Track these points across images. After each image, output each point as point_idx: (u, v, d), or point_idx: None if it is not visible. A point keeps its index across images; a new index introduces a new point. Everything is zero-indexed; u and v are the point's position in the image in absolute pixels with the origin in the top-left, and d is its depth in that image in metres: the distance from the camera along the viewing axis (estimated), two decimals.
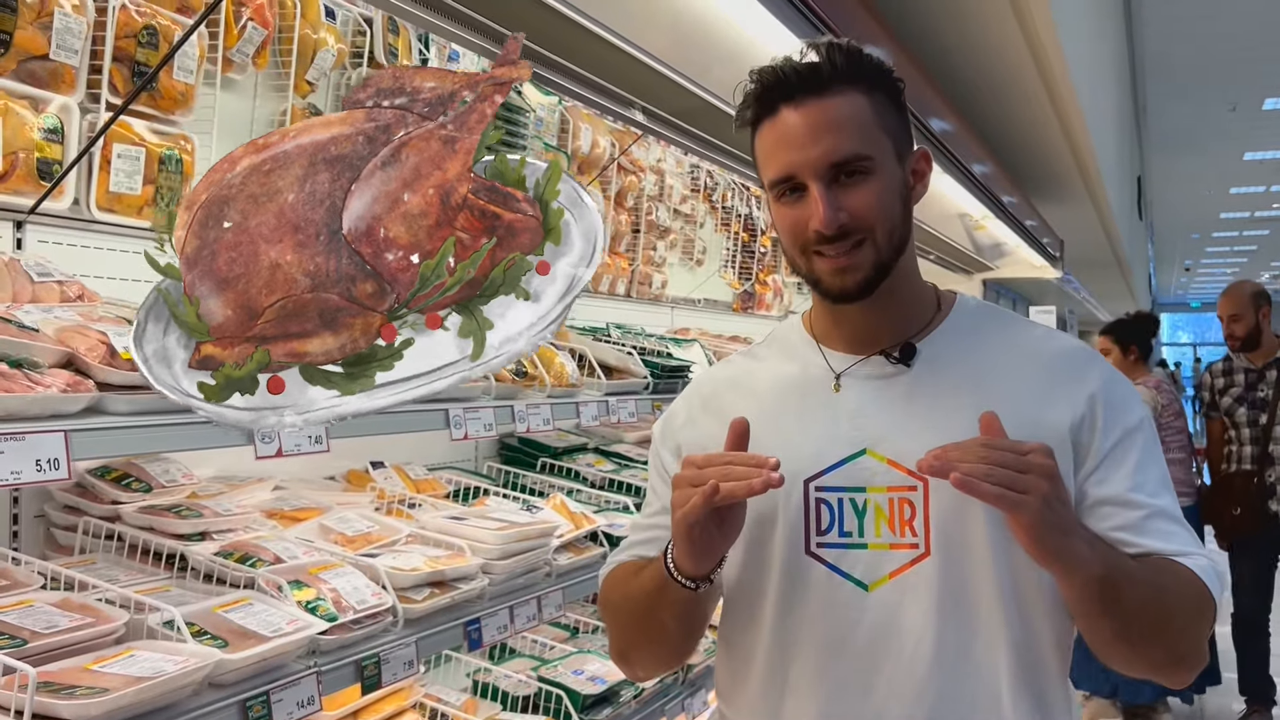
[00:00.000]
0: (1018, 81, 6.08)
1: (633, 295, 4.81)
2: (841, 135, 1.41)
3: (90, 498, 2.16)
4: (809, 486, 1.49)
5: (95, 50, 2.29)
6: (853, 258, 1.44)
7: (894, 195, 1.46)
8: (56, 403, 1.52)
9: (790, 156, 1.43)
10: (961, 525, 1.43)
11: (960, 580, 1.44)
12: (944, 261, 8.09)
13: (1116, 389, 1.52)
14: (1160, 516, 1.45)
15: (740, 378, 1.65)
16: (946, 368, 1.51)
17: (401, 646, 2.12)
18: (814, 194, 1.42)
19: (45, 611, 1.70)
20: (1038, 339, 1.57)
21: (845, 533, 1.47)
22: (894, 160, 1.46)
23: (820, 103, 1.42)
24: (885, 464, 1.47)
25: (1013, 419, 1.42)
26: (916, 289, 1.57)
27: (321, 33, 2.87)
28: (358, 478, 2.94)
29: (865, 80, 1.45)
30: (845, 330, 1.55)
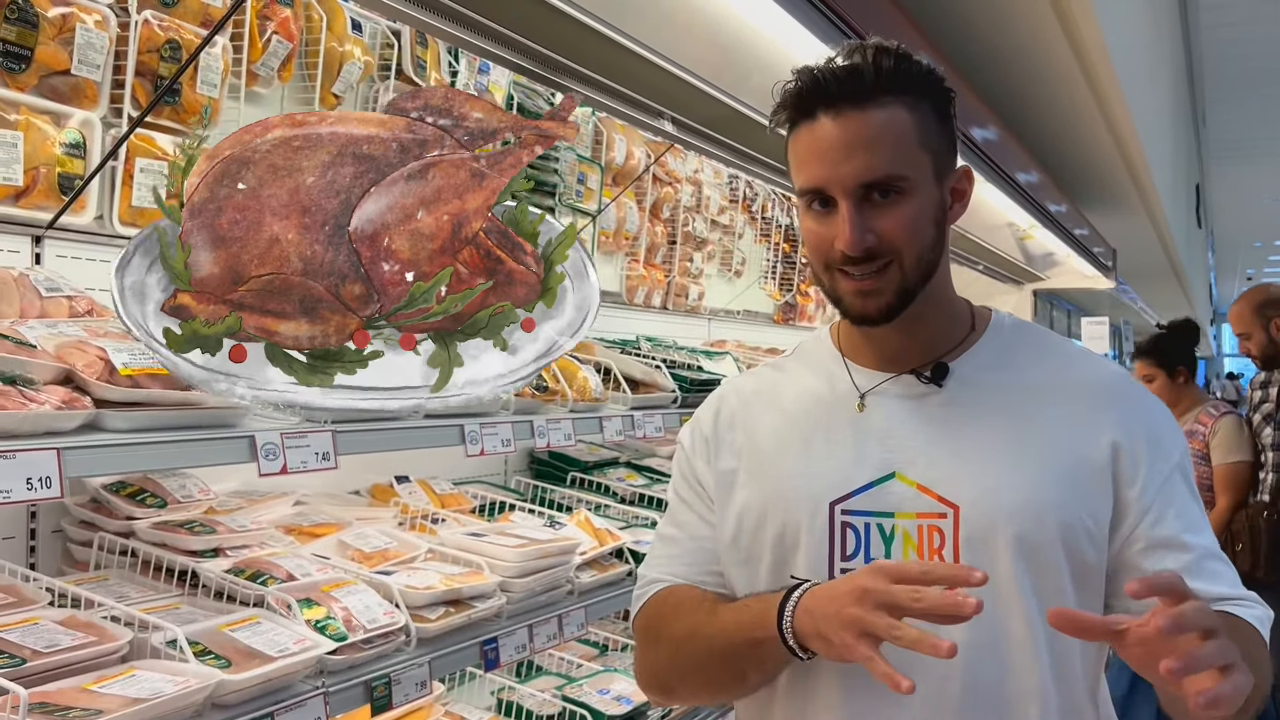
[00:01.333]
0: (1064, 89, 5.96)
1: (669, 307, 4.76)
2: (877, 153, 1.35)
3: (105, 513, 2.15)
4: (835, 509, 1.44)
5: (118, 65, 2.30)
6: (877, 281, 1.38)
7: (927, 218, 1.39)
8: (50, 420, 1.51)
9: (822, 169, 1.37)
10: (990, 556, 1.38)
11: (989, 614, 1.35)
12: (992, 272, 7.94)
13: (1158, 419, 1.47)
14: (1209, 557, 1.41)
15: (766, 390, 1.60)
16: (981, 389, 1.46)
17: (414, 666, 2.08)
18: (842, 212, 1.36)
19: (48, 630, 1.69)
20: (1074, 363, 1.51)
21: (871, 559, 1.42)
22: (932, 180, 1.40)
23: (860, 115, 1.35)
24: (915, 489, 1.41)
25: (1051, 448, 1.40)
26: (949, 306, 1.52)
27: (348, 45, 2.86)
28: (382, 492, 2.92)
29: (910, 91, 1.38)
30: (874, 348, 1.50)
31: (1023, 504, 1.38)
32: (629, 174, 4.31)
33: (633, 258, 4.50)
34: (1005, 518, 1.37)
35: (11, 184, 2.10)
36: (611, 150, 4.17)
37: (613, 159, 4.18)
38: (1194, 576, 1.34)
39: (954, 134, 1.46)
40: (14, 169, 2.10)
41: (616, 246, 4.36)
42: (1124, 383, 1.50)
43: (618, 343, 3.88)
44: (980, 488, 1.39)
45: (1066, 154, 7.46)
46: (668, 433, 3.16)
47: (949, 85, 1.44)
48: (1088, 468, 1.40)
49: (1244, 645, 1.28)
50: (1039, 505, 1.38)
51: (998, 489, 1.38)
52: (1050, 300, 11.25)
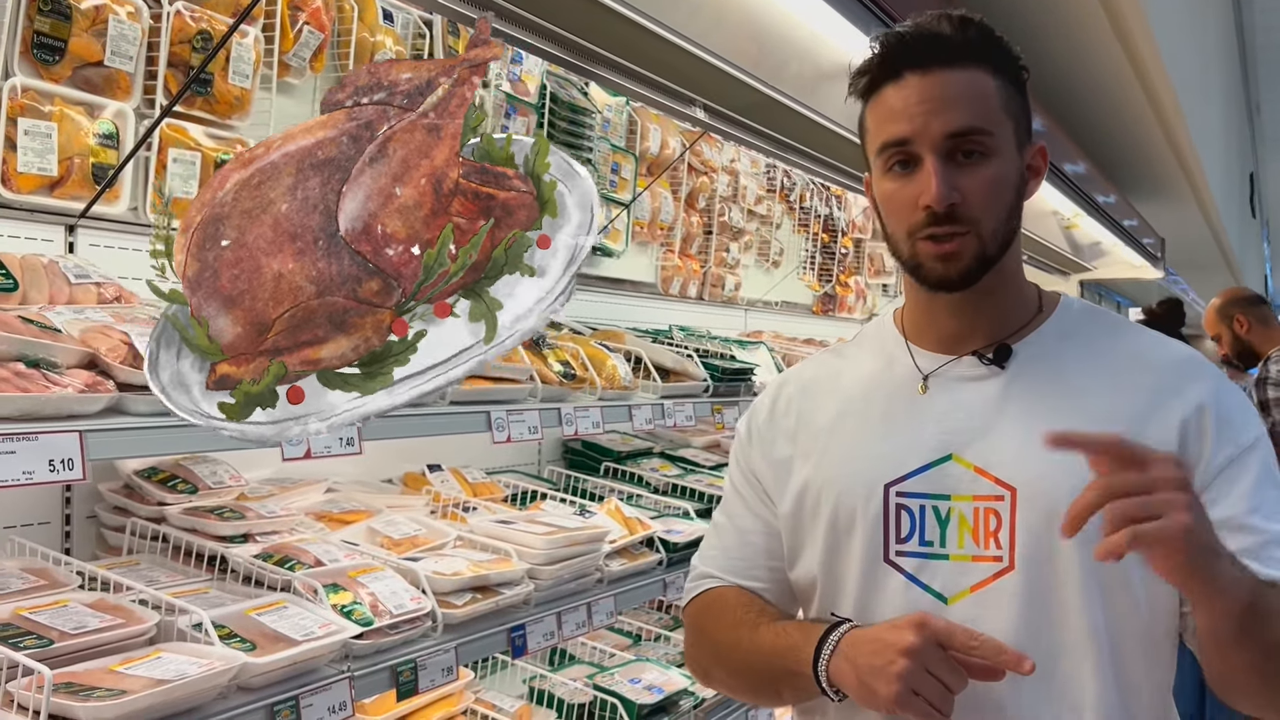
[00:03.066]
0: (1112, 80, 5.86)
1: (704, 298, 4.75)
2: (965, 107, 1.35)
3: (137, 499, 2.18)
4: (889, 491, 1.42)
5: (150, 56, 2.32)
6: (958, 244, 1.36)
7: (1009, 183, 1.38)
8: (72, 403, 1.53)
9: (909, 124, 1.36)
10: (1050, 540, 1.35)
11: (1045, 598, 1.36)
12: (1037, 261, 7.83)
13: (1229, 401, 1.41)
14: (1276, 544, 1.33)
15: (824, 377, 1.59)
16: (1043, 372, 1.43)
17: (440, 652, 2.09)
18: (928, 167, 1.35)
19: (77, 612, 1.71)
20: (1144, 346, 1.47)
21: (926, 542, 1.41)
22: (1013, 146, 1.39)
23: (947, 74, 1.36)
24: (972, 471, 1.39)
25: (1114, 429, 1.33)
26: (1018, 288, 1.49)
27: (379, 35, 2.88)
28: (414, 480, 2.94)
29: (994, 60, 1.39)
30: (938, 328, 1.48)
31: (1083, 487, 1.32)
32: (664, 163, 4.30)
33: (668, 248, 4.49)
34: (1065, 501, 1.30)
35: (46, 174, 2.13)
36: (646, 140, 4.15)
37: (647, 148, 4.17)
38: (1259, 561, 1.31)
39: (1030, 111, 1.45)
40: (49, 159, 2.13)
41: (651, 237, 4.35)
42: (1195, 364, 1.45)
43: (650, 332, 3.87)
44: (1039, 470, 1.36)
45: (1115, 144, 7.34)
46: (699, 422, 3.15)
47: (1025, 65, 1.44)
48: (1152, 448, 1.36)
49: None
50: None
51: (1057, 471, 1.33)
52: (1098, 291, 11.09)
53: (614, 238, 4.00)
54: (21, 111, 2.08)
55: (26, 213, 2.14)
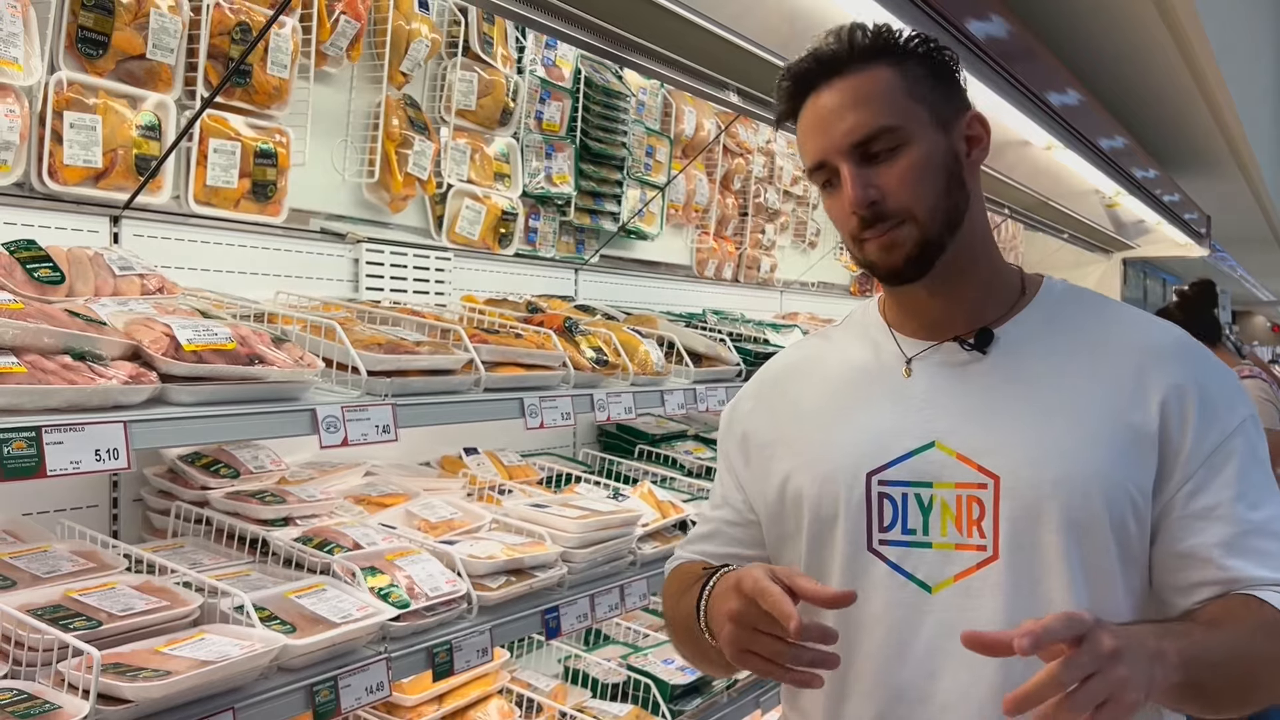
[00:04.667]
0: (1153, 52, 5.75)
1: (740, 280, 4.75)
2: (864, 109, 1.36)
3: (182, 484, 2.24)
4: (872, 480, 1.42)
5: (191, 49, 2.37)
6: (895, 234, 1.37)
7: (935, 166, 1.38)
8: (117, 394, 1.58)
9: (818, 141, 1.39)
10: (1034, 529, 1.34)
11: (1030, 587, 1.35)
12: (1078, 240, 7.73)
13: (1214, 383, 1.39)
14: (1260, 533, 1.33)
15: (809, 361, 1.59)
16: (1026, 357, 1.42)
17: (475, 634, 2.13)
18: (844, 175, 1.37)
19: (125, 594, 1.77)
20: (1130, 327, 1.44)
21: (909, 530, 1.40)
22: (933, 129, 1.39)
23: (841, 81, 1.38)
24: (955, 458, 1.39)
25: (1098, 415, 1.35)
26: (994, 271, 1.48)
27: (415, 24, 2.90)
28: (451, 464, 2.98)
29: (890, 54, 1.39)
30: (918, 316, 1.48)
31: (1068, 475, 1.33)
32: (699, 145, 4.30)
33: (703, 230, 4.49)
34: (1050, 490, 1.33)
35: (91, 166, 2.18)
36: (681, 122, 4.16)
37: (682, 131, 4.17)
38: (1232, 553, 1.31)
39: (956, 87, 1.44)
40: (93, 151, 2.18)
41: (686, 219, 4.36)
42: (1180, 345, 1.42)
43: (684, 316, 3.89)
44: (1022, 458, 1.35)
45: (1157, 119, 7.21)
46: None
47: (941, 46, 1.43)
48: (1134, 434, 1.34)
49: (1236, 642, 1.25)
50: (1084, 477, 1.33)
51: (1041, 459, 1.34)
52: (1142, 269, 10.93)
53: (649, 221, 4.02)
54: (67, 105, 2.13)
55: (72, 204, 2.19)
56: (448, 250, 3.12)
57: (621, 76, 3.83)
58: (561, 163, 3.51)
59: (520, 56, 3.36)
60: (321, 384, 2.00)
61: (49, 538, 1.99)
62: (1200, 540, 1.33)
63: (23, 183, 2.10)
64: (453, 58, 3.08)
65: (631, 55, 2.70)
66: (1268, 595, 1.30)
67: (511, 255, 3.38)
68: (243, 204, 2.52)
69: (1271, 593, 1.30)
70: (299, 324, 2.12)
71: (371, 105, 2.89)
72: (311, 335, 2.09)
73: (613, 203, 3.77)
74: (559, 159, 3.50)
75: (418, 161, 2.93)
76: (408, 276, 2.98)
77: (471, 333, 2.39)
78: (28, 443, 1.41)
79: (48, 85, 2.10)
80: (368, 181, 2.89)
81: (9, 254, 1.86)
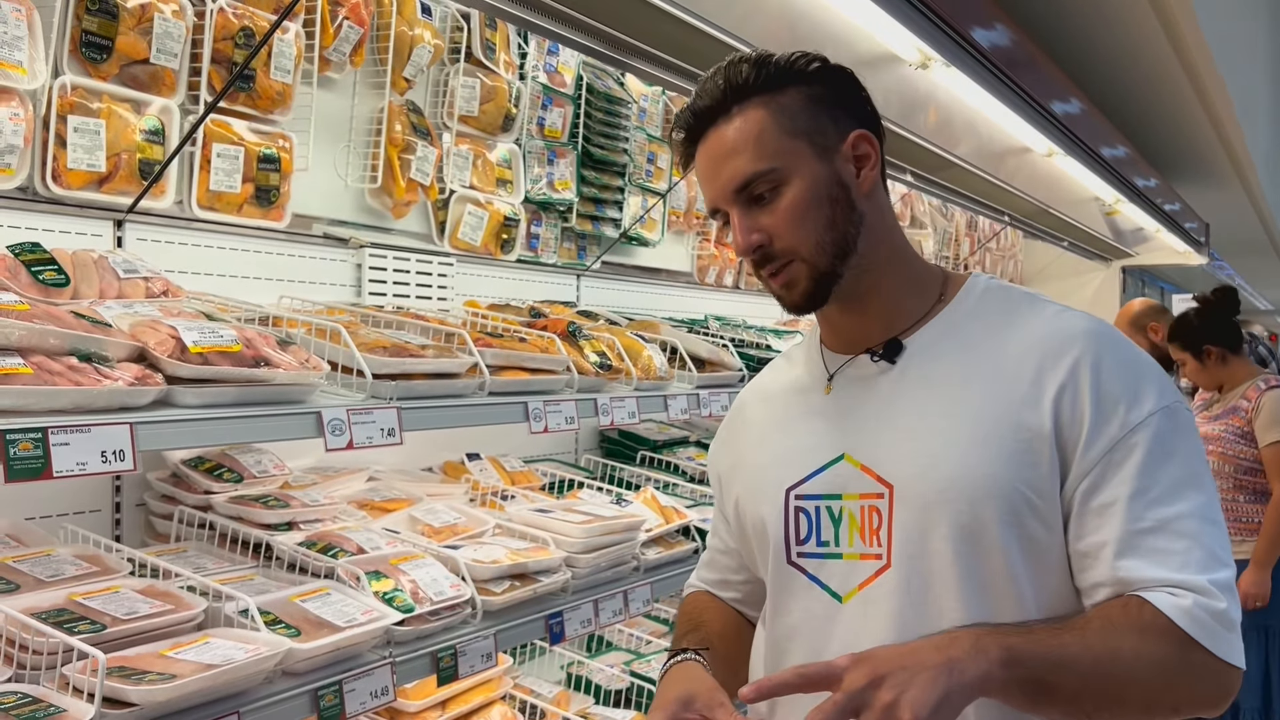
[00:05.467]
0: (1153, 61, 5.77)
1: (740, 286, 4.76)
2: (740, 156, 1.37)
3: (185, 488, 2.23)
4: (789, 495, 1.46)
5: (194, 53, 2.37)
6: (788, 274, 1.40)
7: (817, 200, 1.38)
8: (123, 395, 1.57)
9: (707, 190, 1.43)
10: (924, 537, 1.34)
11: (921, 595, 1.34)
12: (1077, 248, 7.74)
13: (1116, 372, 1.32)
14: (1160, 532, 1.27)
15: (766, 384, 1.64)
16: (933, 363, 1.40)
17: (480, 639, 2.13)
18: (732, 220, 1.41)
19: (129, 598, 1.76)
20: (1038, 322, 1.39)
21: (823, 542, 1.43)
22: (814, 161, 1.38)
23: (717, 131, 1.39)
24: (858, 469, 1.40)
25: (990, 418, 1.33)
26: (906, 279, 1.46)
27: (418, 29, 2.91)
28: (454, 469, 2.98)
29: (762, 89, 1.39)
30: (837, 333, 1.49)
31: (956, 481, 1.32)
32: None
33: (704, 237, 4.49)
34: (937, 496, 1.32)
35: (95, 170, 2.18)
36: None
37: None
38: (1125, 553, 1.27)
39: (843, 110, 1.42)
40: (97, 155, 2.18)
41: (687, 226, 4.36)
42: (1087, 334, 1.35)
43: (686, 322, 3.88)
44: (915, 465, 1.35)
45: (1156, 127, 7.23)
46: None
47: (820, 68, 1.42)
48: (1027, 434, 1.31)
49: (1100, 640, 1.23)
50: (973, 481, 1.31)
51: (930, 466, 1.34)
52: (1141, 277, 10.94)
53: (650, 227, 4.02)
54: (71, 109, 2.13)
55: (76, 208, 2.19)
56: (450, 256, 3.12)
57: (623, 83, 3.83)
58: (563, 169, 3.51)
59: (522, 62, 3.37)
60: (327, 387, 2.00)
61: (52, 542, 1.98)
62: (1095, 539, 1.30)
63: (26, 186, 2.10)
64: (455, 63, 3.09)
65: (633, 60, 2.70)
66: (1153, 596, 1.25)
67: (513, 261, 3.38)
68: (246, 209, 2.51)
69: (1162, 593, 1.25)
70: (304, 327, 2.11)
71: (374, 111, 2.89)
72: (316, 338, 2.08)
73: (614, 209, 3.78)
74: (561, 165, 3.51)
75: (420, 167, 2.93)
76: (410, 282, 2.97)
77: (476, 337, 2.39)
78: (34, 444, 1.40)
79: (52, 89, 2.10)
80: (370, 187, 2.89)
81: (14, 257, 1.85)
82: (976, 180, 4.46)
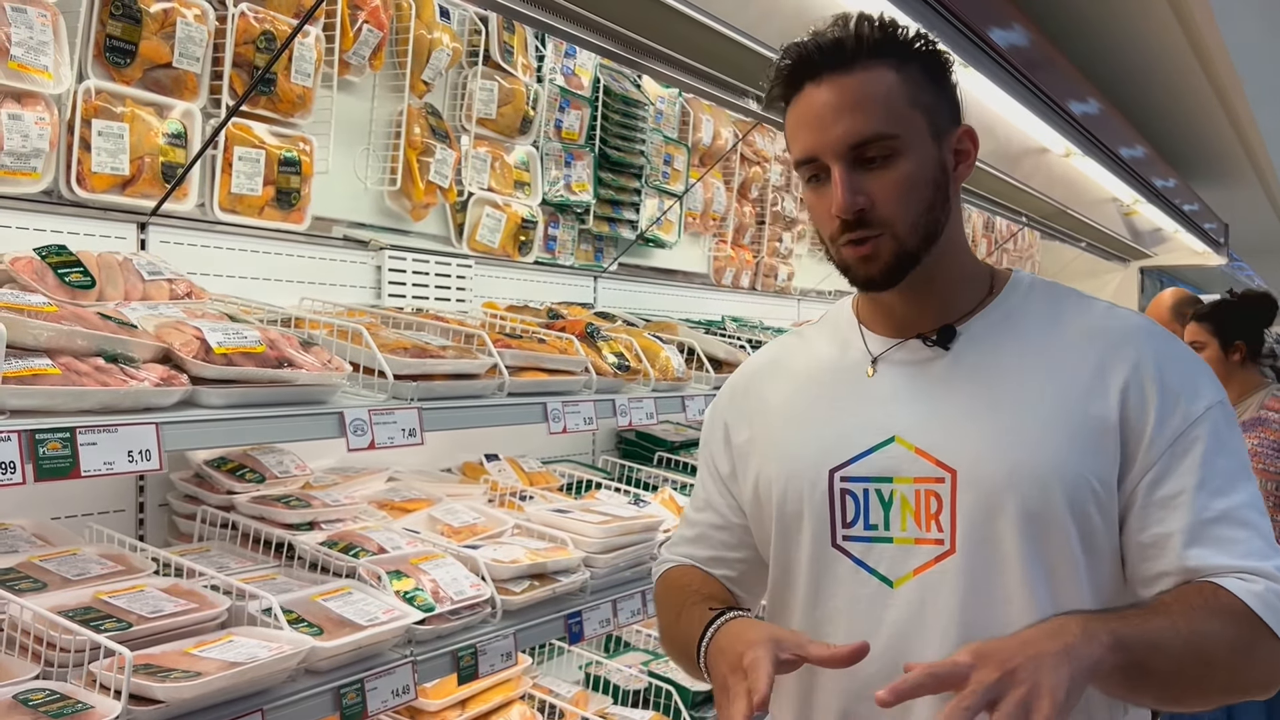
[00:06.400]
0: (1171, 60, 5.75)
1: (757, 288, 4.76)
2: (864, 113, 1.33)
3: (208, 488, 2.25)
4: (834, 476, 1.43)
5: (216, 57, 2.39)
6: (875, 246, 1.36)
7: (924, 178, 1.36)
8: (149, 396, 1.59)
9: (812, 137, 1.36)
10: (991, 522, 1.34)
11: (987, 581, 1.34)
12: (1095, 249, 7.71)
13: (1177, 369, 1.36)
14: (1224, 521, 1.30)
15: (782, 359, 1.60)
16: (988, 352, 1.41)
17: (499, 638, 2.14)
18: (835, 177, 1.34)
19: (154, 596, 1.78)
20: (1092, 316, 1.42)
21: (871, 525, 1.41)
22: (928, 139, 1.37)
23: (843, 79, 1.34)
24: (913, 452, 1.39)
25: (1056, 406, 1.34)
26: (963, 269, 1.47)
27: (436, 33, 2.93)
28: (472, 470, 2.99)
29: (895, 54, 1.36)
30: (887, 315, 1.48)
31: (1024, 468, 1.32)
32: (716, 154, 4.31)
33: (720, 238, 4.50)
34: (1005, 482, 1.33)
35: (119, 173, 2.20)
36: (699, 131, 4.17)
37: (699, 139, 4.19)
38: (1194, 543, 1.29)
39: (954, 96, 1.43)
40: (121, 159, 2.20)
41: (704, 227, 4.37)
42: (1144, 331, 1.40)
43: (703, 323, 3.89)
44: (979, 451, 1.35)
45: (1175, 127, 7.20)
46: None
47: (941, 50, 1.41)
48: (1095, 424, 1.33)
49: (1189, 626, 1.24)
50: (1042, 469, 1.32)
51: (997, 452, 1.34)
52: (1159, 278, 10.90)
53: (666, 229, 4.03)
54: (95, 113, 2.15)
55: (100, 211, 2.21)
56: (468, 257, 3.13)
57: (640, 85, 3.84)
58: (580, 171, 3.53)
59: (540, 65, 3.38)
60: (348, 387, 2.02)
61: (78, 541, 2.01)
62: (1162, 529, 1.32)
63: (52, 190, 2.12)
64: (473, 66, 3.10)
65: (651, 62, 2.71)
66: (1226, 581, 1.28)
67: (531, 263, 3.39)
68: (267, 211, 2.53)
69: (1233, 579, 1.28)
70: (326, 328, 2.13)
71: (393, 114, 2.91)
72: (338, 339, 2.10)
73: (631, 211, 3.79)
74: (578, 167, 3.52)
75: (439, 170, 2.95)
76: (429, 284, 2.99)
77: (495, 338, 2.40)
78: (62, 443, 1.42)
79: (76, 93, 2.12)
80: (390, 189, 2.91)
81: (40, 259, 1.88)
82: (994, 181, 4.46)
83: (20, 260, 1.83)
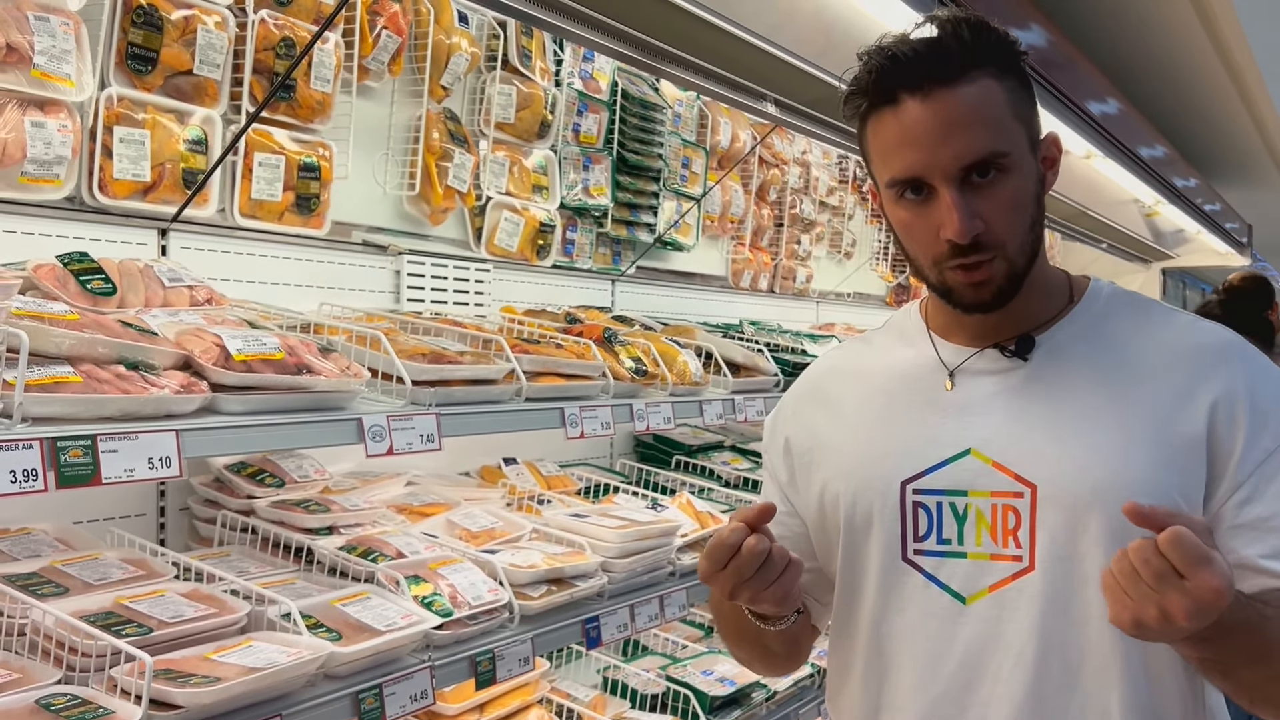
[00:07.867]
0: (1193, 59, 5.71)
1: (775, 290, 4.75)
2: (977, 132, 1.25)
3: (228, 492, 2.26)
4: (906, 489, 1.39)
5: (236, 64, 2.40)
6: (988, 269, 1.30)
7: (1029, 193, 1.31)
8: (169, 403, 1.61)
9: (917, 156, 1.27)
10: (1072, 540, 1.30)
11: (1067, 600, 1.31)
12: (1117, 250, 7.66)
13: (1266, 388, 1.32)
14: None
15: (848, 367, 1.55)
16: (1068, 363, 1.37)
17: (517, 643, 2.14)
18: (945, 199, 1.26)
19: (174, 601, 1.79)
20: (1178, 330, 1.38)
21: (944, 540, 1.37)
22: (1028, 153, 1.32)
23: (951, 93, 1.25)
24: (990, 466, 1.34)
25: (1141, 421, 1.31)
26: (1044, 278, 1.41)
27: (455, 38, 2.93)
28: (490, 474, 3.00)
29: (996, 60, 1.28)
30: (963, 324, 1.42)
31: (1109, 485, 1.28)
32: (734, 157, 4.31)
33: (739, 241, 4.50)
34: (1089, 499, 1.29)
35: (140, 180, 2.22)
36: (716, 134, 4.17)
37: (718, 142, 4.18)
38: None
39: (1034, 98, 1.37)
40: (142, 165, 2.22)
41: (722, 230, 4.37)
42: (1232, 348, 1.35)
43: (721, 326, 3.89)
44: (1060, 466, 1.31)
45: (1197, 127, 7.15)
46: None
47: (1024, 49, 1.34)
48: (1180, 441, 1.29)
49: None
50: (1128, 484, 1.27)
51: (1080, 467, 1.30)
52: (1181, 279, 10.82)
53: (684, 232, 4.03)
54: (117, 120, 2.17)
55: (121, 217, 2.23)
56: (487, 262, 3.14)
57: (658, 89, 3.84)
58: (598, 175, 3.53)
59: (558, 70, 3.39)
60: (367, 394, 2.02)
61: (99, 546, 2.02)
62: (1252, 551, 1.29)
63: (74, 196, 2.14)
64: (492, 71, 3.11)
65: (669, 66, 2.71)
66: None
67: (549, 266, 3.40)
68: (287, 217, 2.55)
69: None
70: (344, 334, 2.14)
71: (412, 119, 2.92)
72: (357, 345, 2.11)
73: (649, 214, 3.79)
74: (596, 171, 3.52)
75: (457, 174, 2.96)
76: (448, 288, 3.00)
77: (513, 343, 2.41)
78: (84, 451, 1.43)
79: (98, 101, 2.14)
80: (408, 194, 2.92)
81: (62, 266, 1.89)
82: None
83: (43, 267, 1.85)
